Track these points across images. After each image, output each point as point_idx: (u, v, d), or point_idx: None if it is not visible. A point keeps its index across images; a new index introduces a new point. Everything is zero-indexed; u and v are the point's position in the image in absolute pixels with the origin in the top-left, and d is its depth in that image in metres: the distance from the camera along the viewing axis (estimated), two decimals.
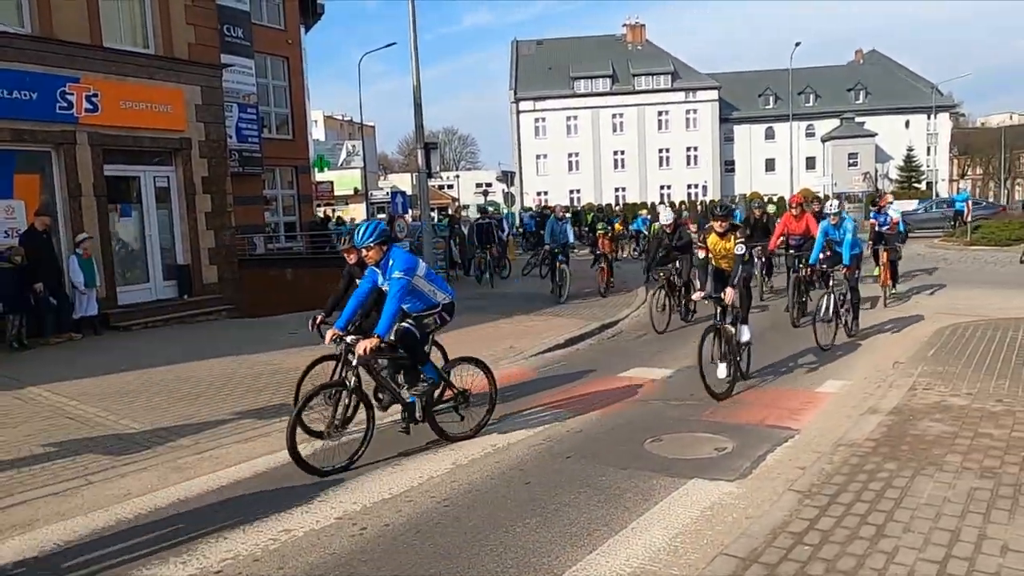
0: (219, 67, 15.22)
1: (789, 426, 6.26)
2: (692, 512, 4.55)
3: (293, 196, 25.93)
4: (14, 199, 12.06)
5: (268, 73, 24.21)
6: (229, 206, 15.26)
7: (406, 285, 5.64)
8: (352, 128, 72.75)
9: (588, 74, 61.96)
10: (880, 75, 64.54)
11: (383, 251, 5.71)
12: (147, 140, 13.79)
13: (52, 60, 12.20)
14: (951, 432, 5.53)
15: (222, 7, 17.40)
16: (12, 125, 11.80)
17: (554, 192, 59.13)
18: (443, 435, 6.08)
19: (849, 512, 4.21)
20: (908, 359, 8.27)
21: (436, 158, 15.59)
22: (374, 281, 5.84)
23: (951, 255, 21.63)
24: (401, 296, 5.62)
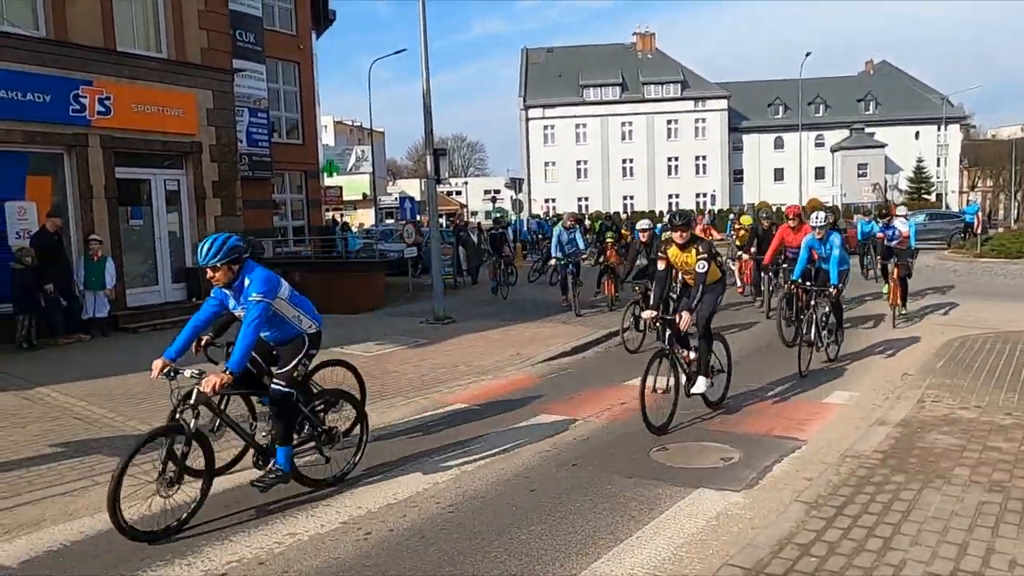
0: (231, 72, 15.31)
1: (796, 437, 6.23)
2: (698, 522, 4.53)
3: (302, 200, 26.02)
4: (26, 200, 12.15)
5: (279, 78, 24.34)
6: (239, 210, 15.33)
7: (266, 309, 4.80)
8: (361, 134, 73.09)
9: (598, 82, 62.06)
10: (890, 86, 64.41)
11: (234, 271, 4.82)
12: (158, 143, 13.87)
13: (66, 63, 12.30)
14: (959, 445, 5.49)
15: (235, 12, 17.52)
16: (25, 127, 11.89)
17: (562, 199, 59.21)
18: (302, 481, 5.22)
19: (856, 524, 4.19)
20: (917, 371, 8.23)
21: (444, 164, 15.65)
22: (221, 303, 4.99)
23: (960, 267, 21.52)
24: (260, 323, 4.76)
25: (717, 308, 7.08)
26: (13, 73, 11.65)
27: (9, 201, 11.90)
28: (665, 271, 6.88)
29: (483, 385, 8.55)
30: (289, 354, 5.07)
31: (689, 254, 6.68)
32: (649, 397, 6.22)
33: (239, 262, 4.84)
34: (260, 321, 4.75)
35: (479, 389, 8.38)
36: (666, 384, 6.41)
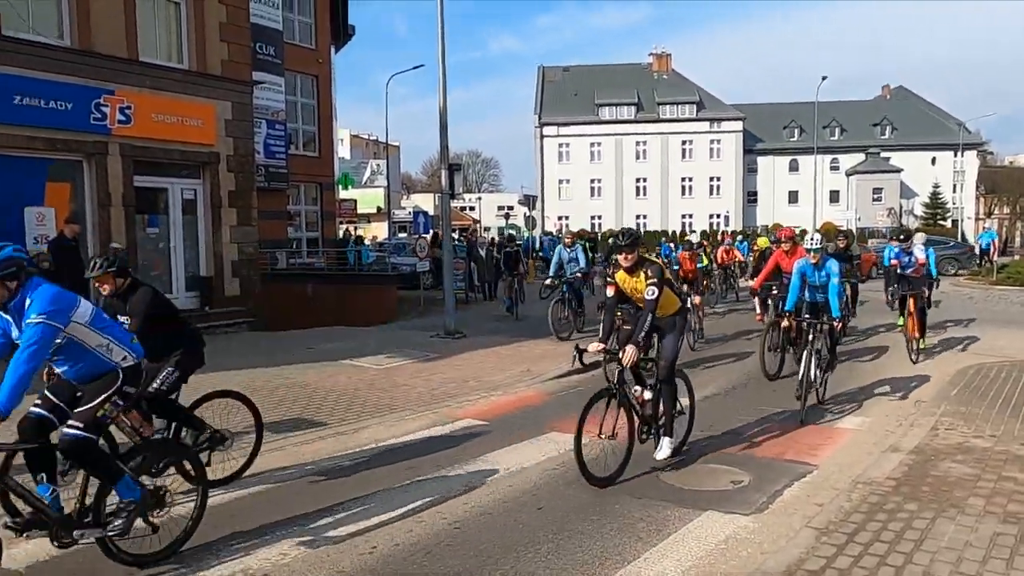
0: (250, 84, 15.48)
1: (807, 461, 6.17)
2: (706, 545, 4.49)
3: (317, 212, 26.19)
4: (45, 206, 12.29)
5: (297, 91, 24.59)
6: (254, 220, 15.44)
7: (46, 334, 3.82)
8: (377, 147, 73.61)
9: (613, 101, 62.26)
10: (907, 111, 64.26)
11: (10, 289, 3.86)
12: (177, 153, 14.02)
13: (89, 72, 12.48)
14: (974, 474, 5.42)
15: (256, 25, 17.74)
16: (46, 134, 12.05)
17: (576, 217, 59.22)
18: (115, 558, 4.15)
19: (867, 552, 4.14)
20: (930, 398, 8.14)
21: (459, 180, 15.70)
22: (3, 332, 3.98)
23: (976, 294, 21.35)
24: (40, 351, 3.81)
25: (676, 351, 6.08)
26: (37, 81, 11.82)
27: (29, 207, 12.05)
28: (614, 299, 6.02)
29: (493, 401, 8.53)
30: (93, 392, 4.12)
31: (638, 279, 5.82)
32: (592, 444, 5.52)
33: (16, 278, 3.87)
34: (37, 349, 3.77)
35: (488, 405, 8.36)
36: (613, 428, 5.56)
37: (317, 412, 7.80)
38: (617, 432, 5.61)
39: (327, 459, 6.27)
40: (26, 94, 11.71)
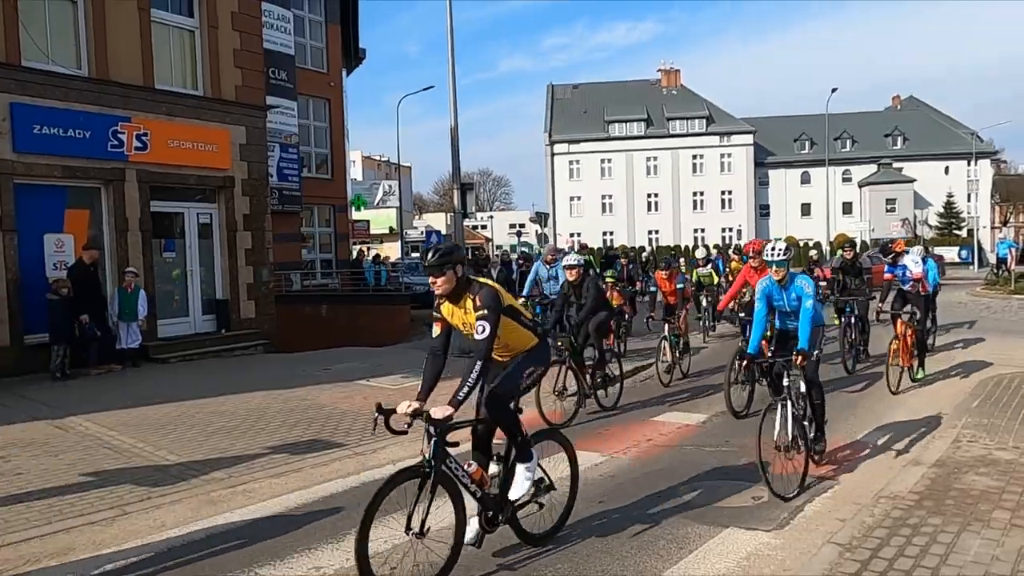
0: (264, 108, 15.68)
1: (828, 476, 6.10)
2: (728, 562, 4.44)
3: (330, 234, 26.38)
4: (64, 233, 12.47)
5: (310, 114, 24.88)
6: (269, 243, 15.58)
7: None
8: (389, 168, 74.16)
9: (623, 118, 62.48)
10: (918, 121, 64.05)
11: None
12: (192, 178, 14.20)
13: (106, 100, 12.70)
14: (998, 487, 5.34)
15: (269, 51, 18.00)
16: (65, 162, 12.25)
17: (587, 234, 59.24)
18: None
19: (892, 567, 4.08)
20: (952, 410, 8.05)
21: (471, 199, 15.80)
22: None
23: (995, 303, 21.11)
24: None
25: (529, 383, 4.68)
26: (56, 110, 12.06)
27: (48, 233, 12.23)
28: (442, 339, 4.51)
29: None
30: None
31: (465, 310, 4.37)
32: (392, 550, 4.37)
33: None
34: None
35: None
36: (422, 525, 4.19)
37: (334, 433, 7.81)
38: (428, 530, 4.17)
39: (345, 480, 6.27)
40: (45, 123, 11.94)
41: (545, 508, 4.81)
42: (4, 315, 11.57)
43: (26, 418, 8.63)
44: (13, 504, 5.63)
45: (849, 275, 11.84)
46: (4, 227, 11.58)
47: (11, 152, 11.64)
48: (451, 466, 4.29)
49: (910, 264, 10.37)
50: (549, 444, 4.96)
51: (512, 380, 4.56)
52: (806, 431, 5.92)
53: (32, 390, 10.42)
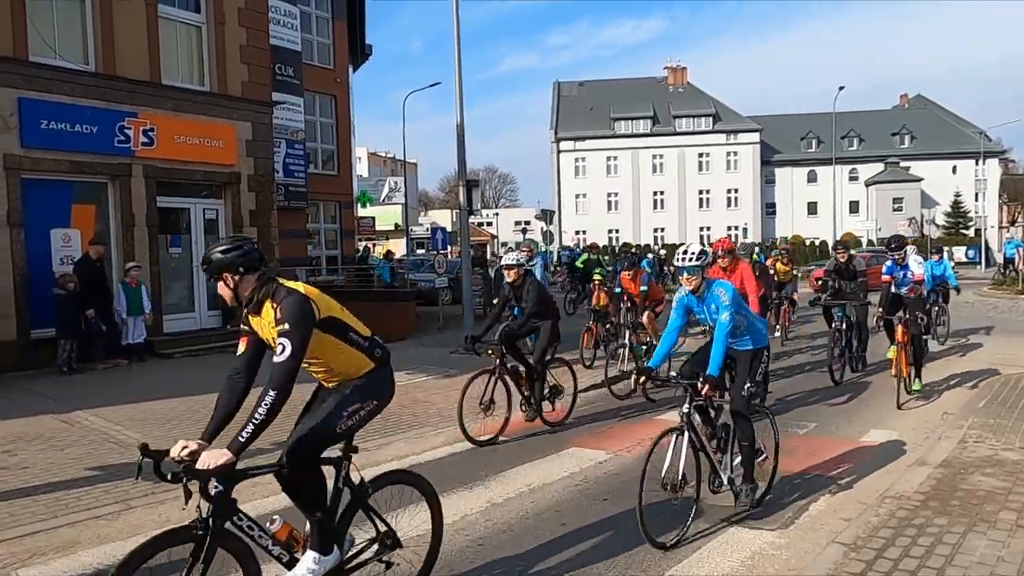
0: (270, 104, 15.69)
1: (832, 475, 6.09)
2: (732, 561, 4.44)
3: (336, 230, 26.40)
4: (71, 228, 12.50)
5: (316, 110, 24.86)
6: (274, 239, 15.59)
7: None
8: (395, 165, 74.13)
9: (629, 115, 62.38)
10: (925, 120, 63.77)
11: None
12: (199, 173, 14.22)
13: (113, 96, 12.72)
14: (1004, 487, 5.32)
15: (275, 47, 17.99)
16: (72, 157, 12.28)
17: (593, 231, 59.24)
18: None
19: (897, 568, 4.07)
20: (957, 410, 8.03)
21: (477, 196, 15.78)
22: None
23: (1002, 303, 21.04)
24: None
25: (352, 425, 3.60)
26: (63, 105, 12.08)
27: (55, 228, 12.26)
28: (245, 358, 3.58)
29: (513, 417, 8.49)
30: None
31: (266, 321, 3.42)
32: None
33: None
34: None
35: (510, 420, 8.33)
36: None
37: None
38: None
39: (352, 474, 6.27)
40: (53, 118, 11.96)
41: (393, 569, 3.91)
42: (11, 310, 11.61)
43: (32, 412, 8.67)
44: (19, 498, 5.65)
45: (843, 278, 11.10)
46: (11, 222, 11.62)
47: (19, 147, 11.67)
48: (241, 523, 3.33)
49: (913, 266, 9.68)
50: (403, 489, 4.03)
51: (328, 421, 3.50)
52: (717, 467, 5.11)
53: (38, 384, 10.46)
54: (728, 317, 5.09)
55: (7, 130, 11.53)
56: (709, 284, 5.27)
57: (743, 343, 5.41)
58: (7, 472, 6.31)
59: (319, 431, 3.53)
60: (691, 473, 4.85)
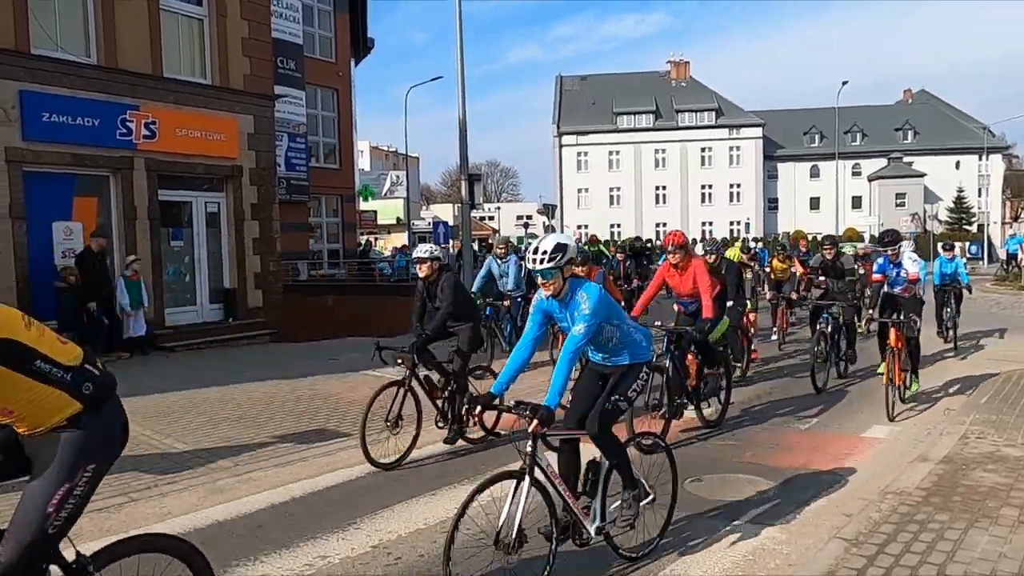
0: (272, 98, 15.67)
1: (834, 471, 6.08)
2: (733, 556, 4.43)
3: (338, 224, 26.40)
4: (72, 221, 12.50)
5: (318, 104, 24.84)
6: (276, 232, 15.59)
7: None
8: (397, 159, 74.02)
9: (631, 110, 62.29)
10: (929, 115, 63.61)
11: None
12: (200, 167, 14.20)
13: (115, 89, 12.70)
14: (1006, 484, 5.31)
15: (277, 40, 17.97)
16: (74, 150, 12.27)
17: (595, 226, 59.22)
18: None
19: (898, 563, 4.06)
20: (959, 406, 8.00)
21: (479, 190, 15.77)
22: None
23: (1004, 299, 21.00)
24: None
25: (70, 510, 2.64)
26: (64, 98, 12.06)
27: (57, 221, 12.26)
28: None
29: None
30: None
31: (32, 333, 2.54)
32: None
33: None
34: None
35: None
36: None
37: (340, 423, 7.82)
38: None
39: (351, 470, 6.28)
40: (54, 111, 11.95)
41: None
42: (13, 302, 11.54)
43: None
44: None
45: (830, 276, 10.48)
46: (13, 214, 11.61)
47: (20, 140, 11.65)
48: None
49: (908, 264, 8.54)
50: None
51: (32, 512, 2.54)
52: (580, 517, 4.15)
53: None
54: (583, 329, 4.04)
55: (9, 123, 11.51)
56: (574, 288, 4.16)
57: (618, 358, 4.41)
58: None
59: (22, 527, 2.53)
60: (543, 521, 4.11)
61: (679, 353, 7.22)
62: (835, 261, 10.35)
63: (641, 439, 4.83)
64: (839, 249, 10.60)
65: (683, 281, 7.45)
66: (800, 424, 7.66)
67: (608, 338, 4.34)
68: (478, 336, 7.04)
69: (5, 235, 11.51)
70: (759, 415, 8.07)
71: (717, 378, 7.59)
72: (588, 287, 4.21)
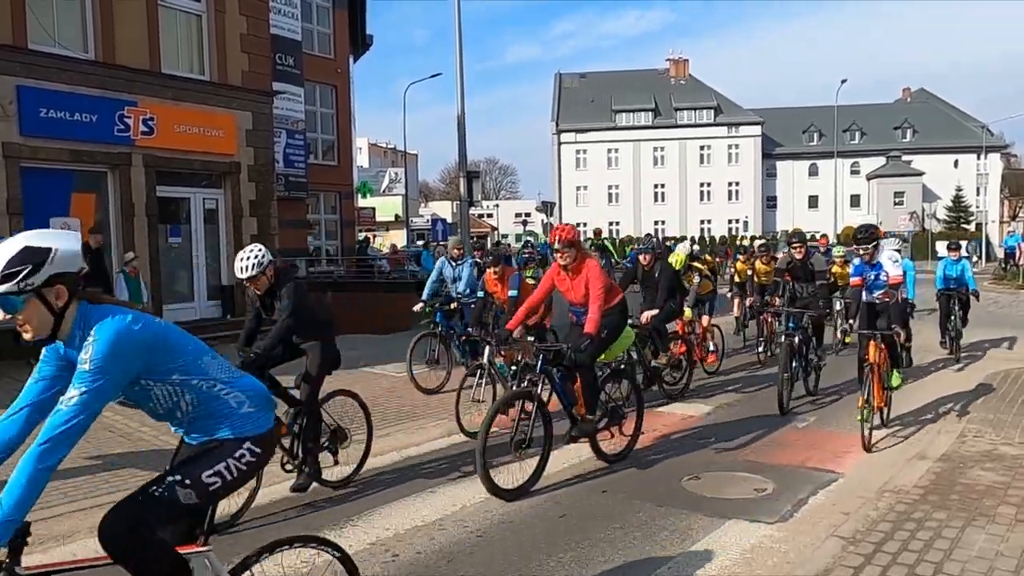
0: (270, 94, 15.63)
1: (832, 469, 6.08)
2: (731, 554, 4.43)
3: (336, 221, 26.37)
4: (70, 217, 12.47)
5: (317, 100, 24.79)
6: (274, 229, 15.57)
7: None
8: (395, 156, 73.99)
9: (630, 107, 62.23)
10: (928, 114, 63.62)
11: None
12: (198, 163, 14.18)
13: (112, 84, 12.67)
14: (1003, 482, 5.32)
15: (275, 36, 17.92)
16: (72, 146, 12.24)
17: (593, 223, 59.20)
18: None
19: (895, 562, 4.07)
20: (957, 405, 8.01)
21: (477, 187, 15.77)
22: None
23: (1003, 298, 21.03)
24: None
25: None
26: (62, 94, 12.03)
27: (54, 217, 12.22)
28: None
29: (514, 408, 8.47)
30: None
31: None
32: None
33: None
34: None
35: (510, 412, 8.31)
36: None
37: (340, 420, 7.80)
38: None
39: (349, 467, 6.27)
40: (52, 107, 11.91)
41: None
42: None
43: None
44: None
45: (799, 279, 9.21)
46: (11, 210, 11.58)
47: (18, 135, 11.62)
48: None
49: (886, 264, 7.14)
50: None
51: None
52: None
53: None
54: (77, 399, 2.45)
55: (6, 118, 11.48)
56: (86, 318, 2.50)
57: (204, 435, 2.79)
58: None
59: None
60: None
61: (561, 374, 6.02)
62: (805, 261, 9.00)
63: None
64: (809, 249, 9.34)
65: (574, 286, 6.12)
66: (798, 422, 7.66)
67: (170, 406, 2.71)
68: (331, 356, 5.70)
69: (3, 231, 11.45)
70: (752, 413, 8.07)
71: (614, 404, 6.30)
72: (103, 326, 2.43)
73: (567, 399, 6.05)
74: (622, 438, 6.34)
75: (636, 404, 6.55)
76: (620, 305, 6.34)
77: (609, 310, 6.04)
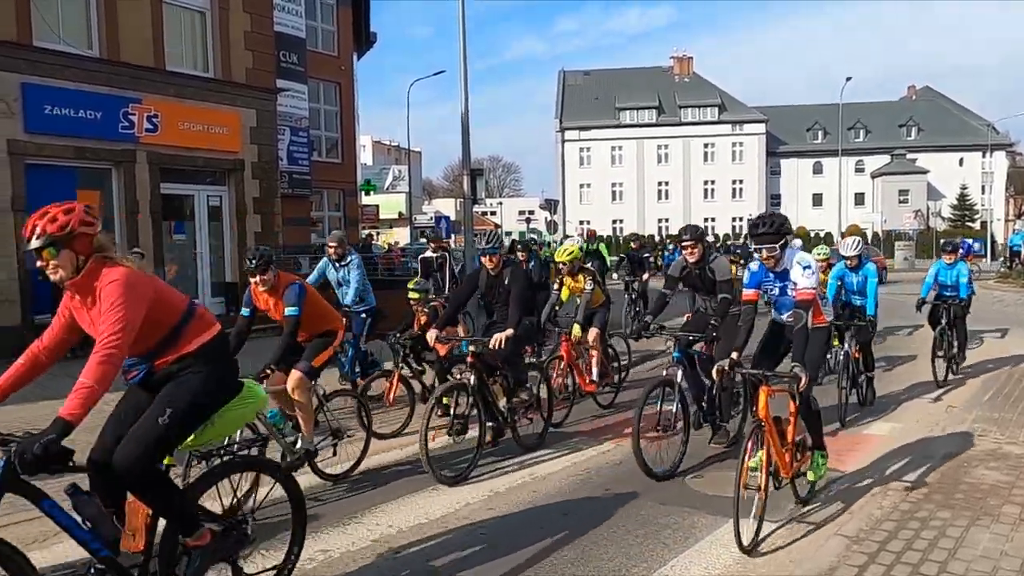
0: (274, 92, 15.65)
1: (836, 468, 6.05)
2: (734, 552, 4.42)
3: (340, 218, 26.39)
4: None
5: (320, 98, 24.80)
6: (278, 226, 15.59)
7: None
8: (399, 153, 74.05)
9: (634, 105, 62.12)
10: (933, 112, 63.42)
11: None
12: (202, 160, 14.20)
13: (117, 81, 12.69)
14: (1008, 481, 5.31)
15: (279, 34, 17.93)
16: (76, 143, 12.26)
17: (597, 222, 59.09)
18: None
19: (899, 560, 4.06)
20: (962, 404, 8.00)
21: (481, 185, 15.75)
22: None
23: (1008, 296, 20.96)
24: None
25: None
26: (67, 91, 12.05)
27: None
28: None
29: None
30: None
31: None
32: None
33: None
34: None
35: None
36: None
37: (340, 418, 7.81)
38: None
39: (348, 463, 6.28)
40: (56, 104, 11.94)
41: None
42: (15, 295, 11.63)
43: (35, 398, 8.66)
44: None
45: (698, 291, 6.87)
46: (15, 207, 11.61)
47: (23, 132, 11.65)
48: None
49: (796, 273, 4.94)
50: None
51: None
52: None
53: None
54: None
55: (11, 115, 11.51)
56: None
57: None
58: None
59: None
60: None
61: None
62: (701, 267, 6.57)
63: None
64: (708, 249, 6.69)
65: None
66: None
67: None
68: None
69: (7, 228, 11.49)
70: None
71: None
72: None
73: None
74: None
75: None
76: (516, 314, 6.28)
77: None
